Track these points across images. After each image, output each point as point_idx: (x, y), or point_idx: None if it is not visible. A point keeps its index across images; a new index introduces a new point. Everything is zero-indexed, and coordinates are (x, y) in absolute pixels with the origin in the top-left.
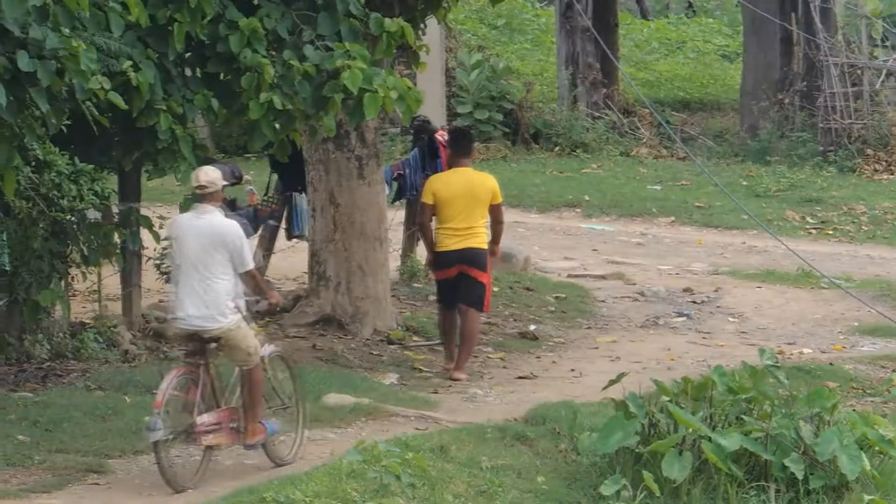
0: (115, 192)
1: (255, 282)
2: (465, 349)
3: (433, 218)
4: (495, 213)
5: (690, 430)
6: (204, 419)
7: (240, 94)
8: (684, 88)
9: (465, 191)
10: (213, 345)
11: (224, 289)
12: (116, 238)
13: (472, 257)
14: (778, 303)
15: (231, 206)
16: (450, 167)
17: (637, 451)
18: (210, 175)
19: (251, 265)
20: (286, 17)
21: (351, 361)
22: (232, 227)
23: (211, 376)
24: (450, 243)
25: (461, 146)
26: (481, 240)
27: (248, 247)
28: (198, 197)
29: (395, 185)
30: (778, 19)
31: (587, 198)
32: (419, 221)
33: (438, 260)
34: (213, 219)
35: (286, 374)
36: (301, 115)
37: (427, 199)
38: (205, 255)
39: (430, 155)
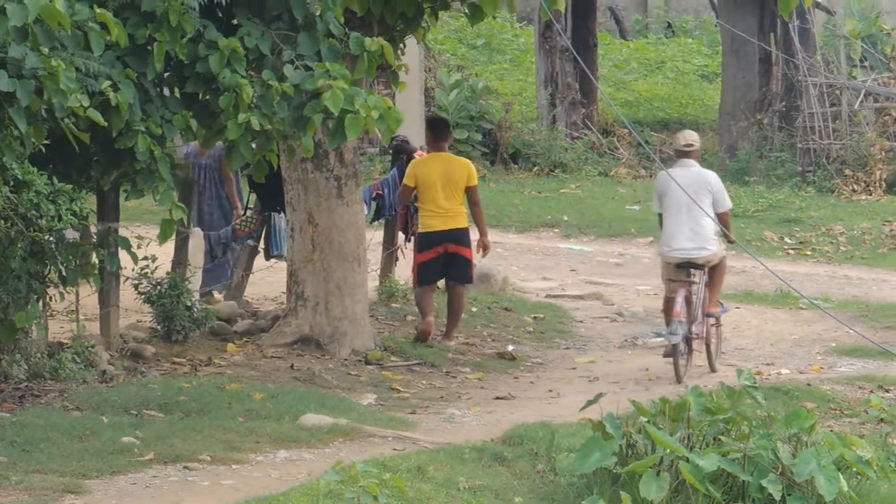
0: (94, 212)
1: (726, 221)
2: (453, 320)
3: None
4: (471, 194)
5: (668, 450)
6: (694, 329)
7: (218, 114)
8: (663, 108)
9: (444, 173)
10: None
11: (710, 224)
12: (95, 258)
13: (457, 236)
14: (756, 323)
15: None
16: (429, 152)
17: (615, 471)
18: (693, 136)
19: (727, 207)
20: (266, 37)
21: (329, 382)
22: (713, 175)
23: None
24: (435, 224)
25: (439, 132)
26: (463, 220)
27: (726, 191)
28: (683, 154)
29: (373, 204)
30: (757, 40)
31: (566, 218)
32: (398, 202)
33: (424, 240)
34: (698, 169)
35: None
36: (279, 135)
37: (409, 181)
38: (694, 198)
39: None
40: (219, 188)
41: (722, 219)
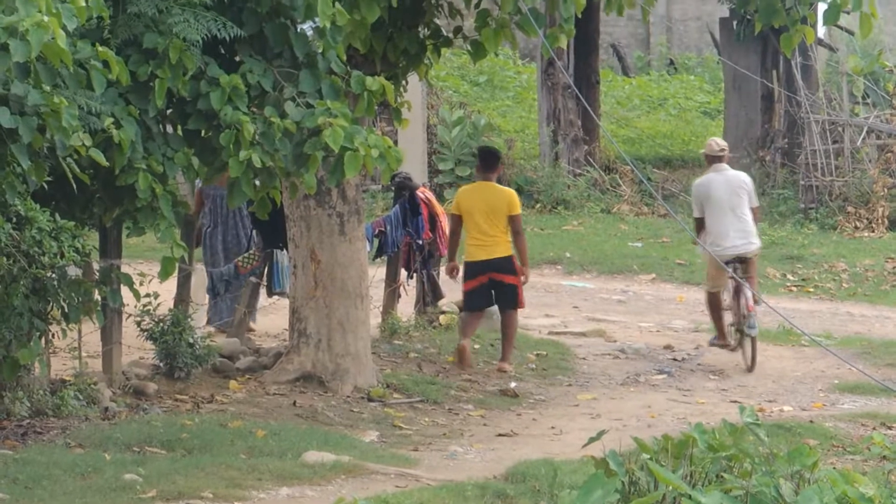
0: (96, 249)
1: (757, 214)
2: (508, 344)
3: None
4: (514, 223)
5: (671, 487)
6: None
7: (220, 151)
8: (665, 145)
9: (486, 202)
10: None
11: (751, 220)
12: (97, 295)
13: (499, 265)
14: (758, 360)
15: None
16: (476, 181)
17: None
18: (724, 143)
19: (757, 203)
20: (268, 74)
21: (331, 419)
22: (746, 175)
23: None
24: (478, 254)
25: (487, 162)
26: (506, 248)
27: (755, 189)
28: (717, 159)
29: (376, 241)
30: (759, 77)
31: (568, 255)
32: (449, 230)
33: (468, 270)
34: (732, 172)
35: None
36: (281, 172)
37: (453, 209)
38: (735, 199)
39: (412, 212)
40: (242, 217)
41: (754, 212)
